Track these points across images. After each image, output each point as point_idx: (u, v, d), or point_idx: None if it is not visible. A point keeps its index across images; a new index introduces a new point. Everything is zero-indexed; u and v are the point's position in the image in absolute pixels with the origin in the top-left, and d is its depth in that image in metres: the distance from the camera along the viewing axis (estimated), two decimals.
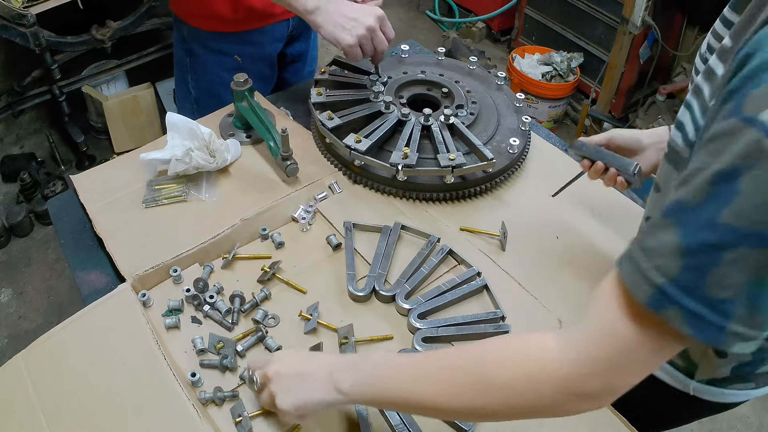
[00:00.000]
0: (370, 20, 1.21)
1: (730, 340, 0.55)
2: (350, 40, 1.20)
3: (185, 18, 1.51)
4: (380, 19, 1.23)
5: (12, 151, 2.73)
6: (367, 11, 1.22)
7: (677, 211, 0.56)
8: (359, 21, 1.20)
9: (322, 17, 1.20)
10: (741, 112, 0.53)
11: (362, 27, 1.20)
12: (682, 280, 0.55)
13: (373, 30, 1.21)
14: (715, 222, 0.53)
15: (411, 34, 3.84)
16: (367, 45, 1.23)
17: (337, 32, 1.20)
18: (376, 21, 1.22)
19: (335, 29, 1.20)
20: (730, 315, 0.54)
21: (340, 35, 1.20)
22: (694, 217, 0.54)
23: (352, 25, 1.20)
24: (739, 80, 0.55)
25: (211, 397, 0.90)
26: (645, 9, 2.47)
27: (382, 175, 1.22)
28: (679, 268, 0.55)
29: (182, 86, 1.65)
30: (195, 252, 1.09)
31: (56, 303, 2.34)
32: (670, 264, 0.55)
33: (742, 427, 2.13)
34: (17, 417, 0.86)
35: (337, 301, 1.06)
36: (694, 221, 0.54)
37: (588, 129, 3.06)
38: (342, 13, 1.21)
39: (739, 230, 0.52)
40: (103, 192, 1.20)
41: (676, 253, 0.55)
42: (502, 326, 1.01)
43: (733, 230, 0.52)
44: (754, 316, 0.55)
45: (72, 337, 0.95)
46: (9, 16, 2.11)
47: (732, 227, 0.52)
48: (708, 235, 0.53)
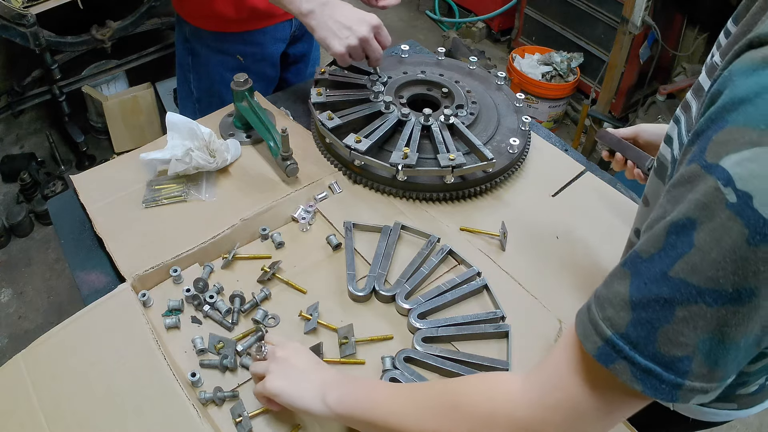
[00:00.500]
0: (364, 30, 1.18)
1: (685, 397, 0.52)
2: (340, 49, 1.18)
3: (187, 18, 1.51)
4: (375, 28, 1.21)
5: (12, 151, 2.73)
6: (362, 19, 1.19)
7: (632, 260, 0.53)
8: (352, 30, 1.18)
9: (316, 21, 1.19)
10: (703, 157, 0.49)
11: (354, 37, 1.18)
12: (632, 335, 0.52)
13: (365, 41, 1.20)
14: (668, 275, 0.49)
15: (411, 34, 3.84)
16: (356, 54, 1.22)
17: (329, 38, 1.18)
18: (370, 31, 1.20)
19: (327, 35, 1.19)
20: (686, 373, 0.50)
21: (331, 42, 1.18)
22: (646, 269, 0.51)
23: (344, 34, 1.18)
24: (704, 121, 0.50)
25: (211, 397, 0.90)
26: (645, 9, 2.46)
27: (382, 175, 1.22)
28: (629, 322, 0.52)
29: (184, 86, 1.65)
30: (195, 252, 1.09)
31: (56, 303, 2.34)
32: (620, 316, 0.52)
33: (742, 427, 2.13)
34: (17, 417, 0.86)
35: (337, 301, 1.06)
36: (646, 273, 0.51)
37: (588, 129, 3.06)
38: (336, 20, 1.18)
39: (692, 285, 0.48)
40: (103, 192, 1.20)
41: (627, 306, 0.52)
42: (502, 326, 1.01)
43: (686, 285, 0.48)
44: (713, 371, 0.51)
45: (72, 337, 0.95)
46: (9, 16, 2.11)
47: (685, 282, 0.48)
48: (659, 289, 0.50)
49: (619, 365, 0.53)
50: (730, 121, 0.47)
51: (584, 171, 1.33)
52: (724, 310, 0.48)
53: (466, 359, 0.96)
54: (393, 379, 0.92)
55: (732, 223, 0.46)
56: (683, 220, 0.49)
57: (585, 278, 1.12)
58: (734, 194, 0.46)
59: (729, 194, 0.46)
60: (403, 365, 0.95)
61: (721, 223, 0.47)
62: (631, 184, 1.26)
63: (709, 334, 0.49)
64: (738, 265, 0.46)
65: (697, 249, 0.48)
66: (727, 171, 0.46)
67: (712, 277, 0.47)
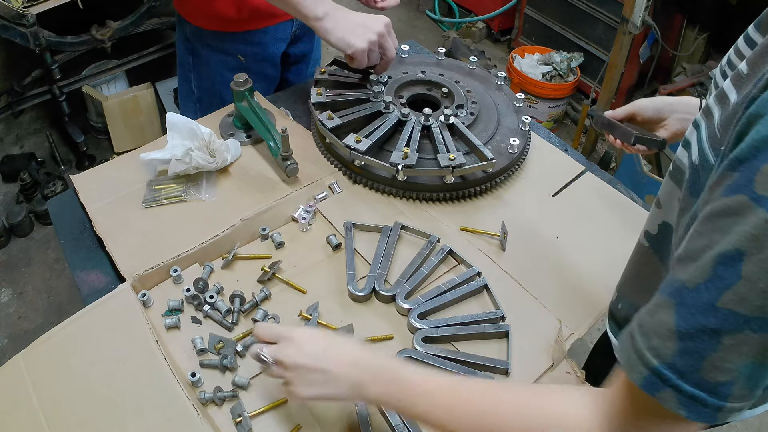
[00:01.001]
0: (380, 26, 1.22)
1: (724, 417, 0.54)
2: (362, 44, 1.20)
3: (188, 17, 1.51)
4: (388, 26, 1.24)
5: (12, 151, 2.73)
6: (374, 18, 1.23)
7: (678, 290, 0.54)
8: (368, 27, 1.21)
9: (332, 23, 1.20)
10: (751, 188, 0.49)
11: (373, 32, 1.21)
12: (679, 364, 0.53)
13: (383, 35, 1.23)
14: (715, 306, 0.51)
15: (411, 34, 3.84)
16: (374, 52, 1.24)
17: (347, 36, 1.20)
18: (385, 27, 1.23)
19: (345, 34, 1.20)
20: (728, 396, 0.53)
21: (351, 39, 1.20)
22: (692, 299, 0.52)
23: (361, 31, 1.21)
24: (748, 149, 0.50)
25: (211, 397, 0.90)
26: (645, 9, 2.46)
27: (382, 175, 1.22)
28: (675, 351, 0.53)
29: (185, 85, 1.65)
30: (195, 252, 1.09)
31: (56, 303, 2.34)
32: (667, 346, 0.53)
33: (742, 427, 2.13)
34: (17, 417, 0.86)
35: (337, 301, 1.06)
36: (692, 303, 0.52)
37: (588, 129, 3.06)
38: (350, 20, 1.22)
39: (739, 315, 0.50)
40: (103, 192, 1.20)
41: (673, 336, 0.53)
42: (502, 326, 1.01)
43: (734, 315, 0.50)
44: (753, 392, 0.53)
45: (72, 337, 0.95)
46: (9, 16, 2.11)
47: (732, 312, 0.50)
48: (707, 320, 0.51)
49: (665, 393, 0.54)
50: None
51: (584, 171, 1.33)
52: (759, 336, 0.50)
53: (466, 359, 0.96)
54: None
55: None
56: (732, 252, 0.50)
57: (585, 278, 1.12)
58: None
59: None
60: None
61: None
62: (631, 184, 1.26)
63: (752, 358, 0.51)
64: None
65: (746, 280, 0.49)
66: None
67: (760, 306, 0.49)
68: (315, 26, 1.22)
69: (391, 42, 1.26)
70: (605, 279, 1.12)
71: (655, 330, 0.55)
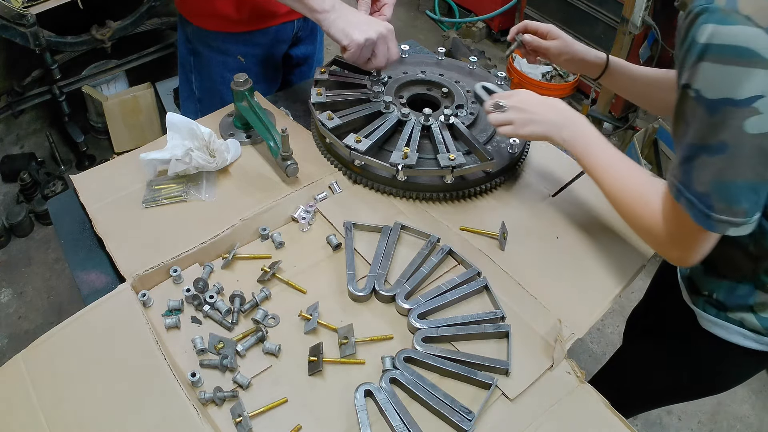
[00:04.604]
0: (382, 28, 1.23)
1: (718, 226, 0.83)
2: (360, 38, 1.20)
3: (189, 17, 1.51)
4: (390, 31, 1.25)
5: (12, 151, 2.73)
6: (379, 21, 1.25)
7: (676, 144, 0.87)
8: (371, 25, 1.22)
9: (336, 15, 1.21)
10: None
11: (374, 31, 1.22)
12: (684, 180, 0.85)
13: (382, 38, 1.23)
14: (687, 143, 0.83)
15: (411, 34, 3.84)
16: (367, 50, 1.23)
17: (348, 28, 1.20)
18: (387, 31, 1.24)
19: (346, 26, 1.20)
20: (711, 206, 0.82)
21: (351, 31, 1.20)
22: (682, 141, 0.84)
23: (365, 27, 1.21)
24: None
25: (211, 397, 0.90)
26: (645, 9, 2.46)
27: (382, 175, 1.22)
28: (681, 173, 0.85)
29: (186, 85, 1.65)
30: (195, 252, 1.09)
31: (56, 303, 2.34)
32: (678, 171, 0.86)
33: (742, 427, 2.13)
34: (17, 417, 0.86)
35: (337, 301, 1.06)
36: (682, 143, 0.84)
37: None
38: (355, 15, 1.24)
39: (696, 146, 0.81)
40: (103, 192, 1.20)
41: (678, 166, 0.85)
42: (502, 326, 1.01)
43: (694, 147, 0.81)
44: (731, 206, 0.81)
45: (72, 337, 0.95)
46: (9, 16, 2.11)
47: (693, 145, 0.82)
48: (685, 153, 0.83)
49: (682, 199, 0.85)
50: None
51: (584, 171, 1.33)
52: (716, 158, 0.79)
53: (466, 359, 0.96)
54: (393, 379, 0.93)
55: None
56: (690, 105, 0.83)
57: (585, 278, 1.12)
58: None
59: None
60: (403, 365, 0.95)
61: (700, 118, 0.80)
62: None
63: (714, 176, 0.81)
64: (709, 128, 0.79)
65: (696, 126, 0.81)
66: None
67: (702, 137, 0.80)
68: (320, 18, 1.22)
69: (386, 49, 1.26)
70: (605, 279, 1.12)
71: (674, 167, 0.87)
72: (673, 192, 0.86)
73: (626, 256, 1.15)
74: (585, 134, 1.06)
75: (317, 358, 0.95)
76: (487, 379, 0.94)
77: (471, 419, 0.88)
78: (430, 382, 0.93)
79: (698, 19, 0.77)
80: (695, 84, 0.78)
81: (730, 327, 1.04)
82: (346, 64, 1.42)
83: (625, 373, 1.37)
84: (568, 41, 1.27)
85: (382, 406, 0.89)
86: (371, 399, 0.91)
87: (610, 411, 0.93)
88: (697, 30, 0.76)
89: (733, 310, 1.03)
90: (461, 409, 0.89)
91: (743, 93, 0.75)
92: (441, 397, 0.91)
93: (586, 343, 2.33)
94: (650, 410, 1.94)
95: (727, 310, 1.04)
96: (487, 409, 0.92)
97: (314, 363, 0.95)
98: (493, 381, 0.93)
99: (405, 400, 0.91)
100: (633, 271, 1.13)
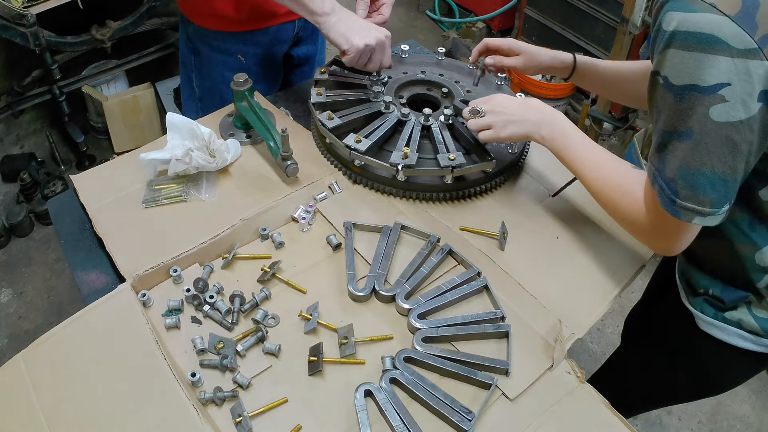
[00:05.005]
0: (381, 35, 1.26)
1: (683, 213, 0.85)
2: (360, 43, 1.23)
3: (190, 16, 1.51)
4: (388, 38, 1.28)
5: (12, 151, 2.73)
6: (379, 28, 1.28)
7: (654, 131, 0.89)
8: (370, 31, 1.25)
9: (336, 18, 1.23)
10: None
11: (373, 37, 1.25)
12: (658, 167, 0.87)
13: (382, 45, 1.27)
14: (659, 128, 0.85)
15: (411, 34, 3.84)
16: (365, 56, 1.27)
17: (349, 33, 1.23)
18: (386, 38, 1.27)
19: (347, 30, 1.23)
20: (677, 192, 0.85)
21: (352, 35, 1.23)
22: (657, 128, 0.86)
23: (365, 33, 1.24)
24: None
25: (211, 397, 0.90)
26: (645, 9, 2.46)
27: (382, 175, 1.22)
28: (657, 161, 0.87)
29: (187, 85, 1.65)
30: (195, 252, 1.09)
31: (56, 303, 2.34)
32: (655, 158, 0.88)
33: (742, 427, 2.13)
34: (17, 417, 0.86)
35: (337, 301, 1.06)
36: (656, 130, 0.86)
37: (588, 129, 3.05)
38: (355, 20, 1.26)
39: (667, 132, 0.83)
40: (103, 192, 1.20)
41: (656, 151, 0.87)
42: (502, 326, 1.01)
43: (665, 133, 0.84)
44: (695, 194, 0.83)
45: (72, 337, 0.95)
46: (9, 16, 2.11)
47: (665, 131, 0.84)
48: (658, 140, 0.86)
49: (656, 185, 0.88)
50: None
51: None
52: (683, 144, 0.82)
53: (466, 359, 0.96)
54: (393, 379, 0.93)
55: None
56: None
57: (585, 278, 1.12)
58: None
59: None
60: (403, 365, 0.95)
61: (669, 105, 0.83)
62: None
63: (681, 162, 0.83)
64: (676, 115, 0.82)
65: (665, 113, 0.83)
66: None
67: (672, 125, 0.82)
68: (320, 21, 1.23)
69: (382, 56, 1.29)
70: (605, 279, 1.12)
71: (651, 154, 0.89)
72: (650, 179, 0.89)
73: (626, 256, 1.15)
74: (563, 130, 1.08)
75: (317, 358, 0.95)
76: (487, 379, 0.94)
77: (471, 419, 0.88)
78: (430, 382, 0.93)
79: (665, 6, 0.79)
80: (663, 71, 0.80)
81: (729, 329, 1.03)
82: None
83: (625, 373, 1.37)
84: (532, 53, 1.28)
85: (382, 406, 0.89)
86: (371, 399, 0.91)
87: (610, 411, 0.93)
88: (664, 17, 0.78)
89: (731, 307, 1.03)
90: (461, 409, 0.89)
91: (709, 80, 0.76)
92: (441, 397, 0.91)
93: (586, 343, 2.33)
94: (650, 410, 1.95)
95: (725, 307, 1.03)
96: (487, 409, 0.92)
97: (314, 363, 0.95)
98: (493, 381, 0.93)
99: (405, 400, 0.91)
100: (633, 271, 1.13)
